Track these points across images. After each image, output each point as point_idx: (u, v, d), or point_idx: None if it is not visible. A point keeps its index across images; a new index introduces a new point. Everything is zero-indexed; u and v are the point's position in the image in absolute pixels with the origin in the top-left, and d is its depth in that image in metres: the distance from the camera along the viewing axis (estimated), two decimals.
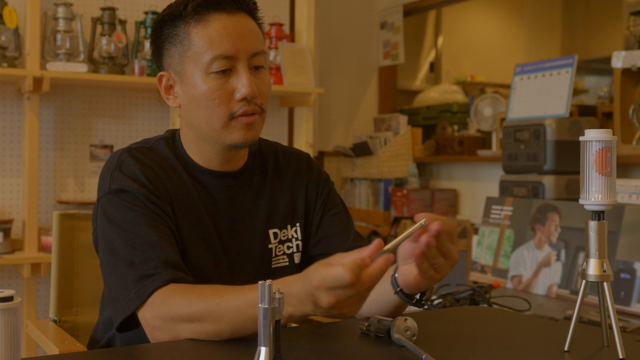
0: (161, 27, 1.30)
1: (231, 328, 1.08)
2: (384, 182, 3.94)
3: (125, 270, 1.17)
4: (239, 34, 1.25)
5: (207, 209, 1.31)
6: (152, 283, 1.13)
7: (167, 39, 1.29)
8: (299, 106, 3.44)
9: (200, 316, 1.08)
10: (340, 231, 1.42)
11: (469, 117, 3.88)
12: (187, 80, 1.27)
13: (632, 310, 2.08)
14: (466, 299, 1.99)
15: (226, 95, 1.25)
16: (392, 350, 1.03)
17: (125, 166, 1.27)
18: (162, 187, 1.27)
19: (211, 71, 1.24)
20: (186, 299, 1.10)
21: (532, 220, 2.52)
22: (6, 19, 2.83)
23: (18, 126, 2.97)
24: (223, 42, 1.24)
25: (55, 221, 1.57)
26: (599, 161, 1.00)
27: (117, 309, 1.17)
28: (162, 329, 1.12)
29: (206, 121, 1.27)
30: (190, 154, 1.34)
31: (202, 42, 1.24)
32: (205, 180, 1.33)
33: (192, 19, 1.25)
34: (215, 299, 1.09)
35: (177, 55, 1.28)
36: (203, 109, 1.26)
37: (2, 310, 0.84)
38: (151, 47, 1.35)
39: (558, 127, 2.62)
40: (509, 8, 6.15)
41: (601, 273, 1.01)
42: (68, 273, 1.58)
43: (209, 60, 1.24)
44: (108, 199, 1.25)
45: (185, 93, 1.28)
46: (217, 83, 1.25)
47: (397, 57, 4.34)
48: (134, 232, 1.20)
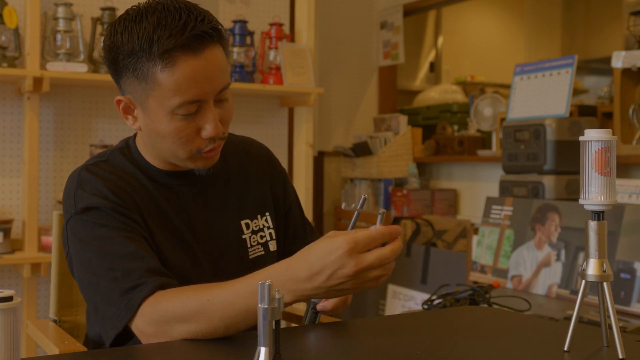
0: (120, 53, 1.20)
1: (224, 324, 1.07)
2: (384, 182, 3.94)
3: (108, 286, 1.15)
4: (207, 77, 1.19)
5: (176, 210, 1.30)
6: (139, 293, 1.12)
7: (127, 68, 1.20)
8: (299, 106, 3.44)
9: (192, 314, 1.08)
10: (301, 224, 1.49)
11: (469, 117, 3.88)
12: (150, 114, 1.22)
13: (632, 310, 2.08)
14: (466, 299, 1.99)
15: (192, 134, 1.22)
16: (392, 351, 1.03)
17: (86, 184, 1.25)
18: (127, 198, 1.25)
19: (177, 113, 1.20)
20: (176, 301, 1.10)
21: (532, 220, 2.51)
22: (6, 19, 2.83)
23: (18, 126, 2.97)
24: (191, 88, 1.18)
25: (55, 221, 1.57)
26: (599, 161, 1.00)
27: (107, 326, 1.15)
28: (157, 335, 1.11)
29: (170, 152, 1.25)
30: (149, 159, 1.32)
31: (168, 87, 1.17)
32: (169, 182, 1.32)
33: (159, 61, 1.16)
34: (205, 295, 1.08)
35: (140, 89, 1.21)
36: (168, 143, 1.23)
37: (2, 310, 0.84)
38: (107, 62, 1.25)
39: (558, 127, 2.62)
40: (509, 8, 6.15)
41: (601, 273, 1.01)
42: (68, 273, 1.57)
43: (176, 105, 1.18)
44: (76, 220, 1.23)
45: (148, 124, 1.24)
46: (183, 124, 1.21)
47: (397, 57, 4.34)
48: (109, 247, 1.18)
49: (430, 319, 1.31)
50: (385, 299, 3.49)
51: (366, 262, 1.01)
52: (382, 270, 1.03)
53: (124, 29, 1.19)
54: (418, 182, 3.88)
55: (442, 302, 1.98)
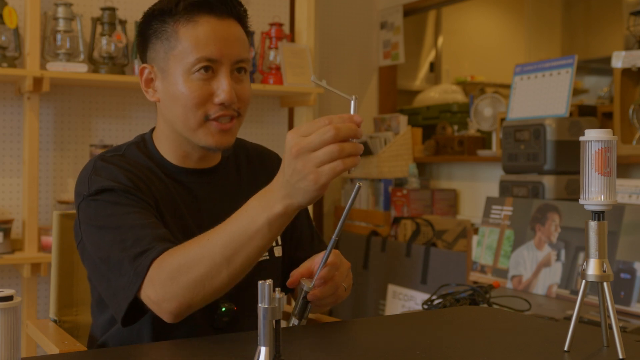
0: (150, 21, 1.30)
1: (225, 257, 1.07)
2: (383, 182, 3.94)
3: (119, 256, 1.16)
4: (226, 39, 1.26)
5: (188, 207, 1.32)
6: (148, 257, 1.13)
7: (154, 33, 1.29)
8: (298, 106, 3.44)
9: (195, 259, 1.09)
10: (308, 232, 1.50)
11: (469, 117, 3.88)
12: (168, 77, 1.28)
13: (632, 310, 2.08)
14: (466, 299, 1.99)
15: (205, 97, 1.26)
16: (392, 350, 1.03)
17: (102, 170, 1.27)
18: (143, 186, 1.26)
19: (193, 71, 1.25)
20: (178, 253, 1.11)
21: (532, 220, 2.52)
22: (6, 19, 2.83)
23: (18, 126, 2.97)
24: (209, 45, 1.25)
25: (55, 221, 1.57)
26: (599, 161, 1.00)
27: (120, 298, 1.15)
28: (166, 297, 1.10)
29: (182, 119, 1.28)
30: (165, 153, 1.34)
31: (188, 42, 1.25)
32: (184, 178, 1.34)
33: (182, 18, 1.26)
34: (203, 238, 1.10)
35: (163, 51, 1.28)
36: (181, 107, 1.27)
37: (2, 310, 0.84)
38: (137, 38, 1.35)
39: (558, 127, 2.62)
40: (509, 8, 6.15)
41: (601, 273, 1.01)
42: (68, 273, 1.58)
43: (193, 61, 1.25)
44: (88, 203, 1.24)
45: (166, 89, 1.29)
46: (198, 84, 1.26)
47: (397, 57, 4.34)
48: (121, 221, 1.19)
49: (430, 319, 1.31)
50: (385, 299, 3.49)
51: (306, 140, 0.99)
52: (329, 154, 0.99)
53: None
54: (418, 182, 3.88)
55: (442, 302, 1.98)
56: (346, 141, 1.00)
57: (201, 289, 1.09)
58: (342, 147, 0.99)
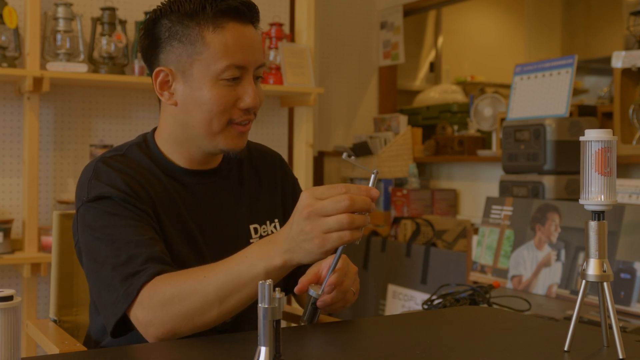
0: (165, 22, 1.27)
1: (218, 297, 1.08)
2: (384, 182, 3.94)
3: (111, 273, 1.16)
4: (251, 46, 1.27)
5: (188, 208, 1.31)
6: (139, 280, 1.13)
7: (174, 35, 1.26)
8: (298, 106, 3.44)
9: (188, 293, 1.09)
10: None
11: (469, 117, 3.88)
12: (192, 82, 1.27)
13: (632, 310, 2.08)
14: (466, 299, 1.99)
15: (231, 103, 1.26)
16: (392, 350, 1.03)
17: (102, 174, 1.26)
18: (141, 191, 1.26)
19: (221, 78, 1.25)
20: (173, 282, 1.11)
21: (532, 220, 2.51)
22: (6, 19, 2.83)
23: (18, 126, 2.97)
24: (238, 52, 1.25)
25: (55, 221, 1.57)
26: (599, 161, 1.00)
27: (108, 313, 1.17)
28: (154, 322, 1.11)
29: (205, 124, 1.27)
30: (169, 154, 1.34)
31: (217, 49, 1.24)
32: (185, 179, 1.33)
33: (209, 23, 1.24)
34: (201, 272, 1.11)
35: (185, 54, 1.26)
36: (205, 112, 1.26)
37: (2, 310, 0.84)
38: (146, 39, 1.31)
39: (558, 127, 2.62)
40: (509, 8, 6.15)
41: (601, 273, 1.01)
42: (68, 273, 1.58)
43: (223, 67, 1.24)
44: (87, 208, 1.24)
45: (188, 93, 1.28)
46: (225, 90, 1.25)
47: (397, 57, 4.34)
48: (117, 235, 1.19)
49: (430, 319, 1.31)
50: (385, 299, 3.49)
51: (320, 203, 1.01)
52: (339, 223, 1.00)
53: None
54: (418, 182, 3.88)
55: (442, 302, 1.98)
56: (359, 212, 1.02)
57: (189, 321, 1.10)
58: (353, 219, 1.01)
